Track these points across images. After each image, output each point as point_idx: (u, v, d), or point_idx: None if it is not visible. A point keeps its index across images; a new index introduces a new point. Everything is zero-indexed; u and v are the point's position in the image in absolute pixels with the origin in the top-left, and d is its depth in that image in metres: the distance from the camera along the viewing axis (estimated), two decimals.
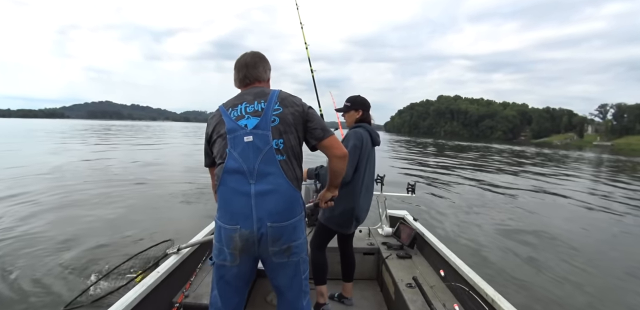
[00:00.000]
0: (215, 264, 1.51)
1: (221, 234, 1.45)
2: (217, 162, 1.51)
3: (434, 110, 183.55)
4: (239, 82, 1.67)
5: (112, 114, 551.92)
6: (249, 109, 1.51)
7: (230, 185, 1.44)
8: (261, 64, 1.67)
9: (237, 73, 1.67)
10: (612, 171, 21.38)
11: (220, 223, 1.45)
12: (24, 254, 4.31)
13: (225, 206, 1.45)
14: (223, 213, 1.45)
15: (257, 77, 1.65)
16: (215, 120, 1.55)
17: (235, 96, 1.63)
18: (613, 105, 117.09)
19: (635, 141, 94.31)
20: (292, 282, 1.52)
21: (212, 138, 1.56)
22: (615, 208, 8.66)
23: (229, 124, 1.48)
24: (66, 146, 20.99)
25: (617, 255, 5.11)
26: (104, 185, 8.76)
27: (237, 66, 1.67)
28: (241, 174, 1.42)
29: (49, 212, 6.13)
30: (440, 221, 6.31)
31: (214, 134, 1.55)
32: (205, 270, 2.52)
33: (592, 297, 3.76)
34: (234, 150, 1.44)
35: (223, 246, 1.46)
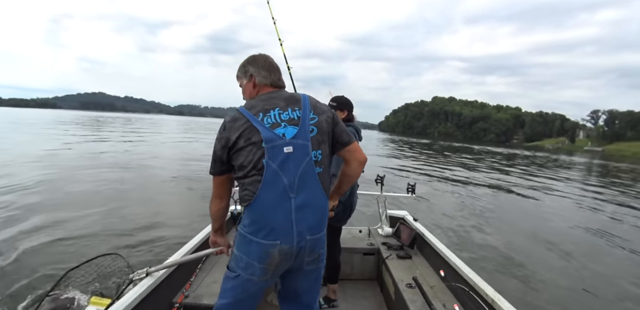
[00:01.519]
0: (241, 277, 1.44)
1: (253, 249, 1.38)
2: (249, 173, 1.38)
3: (429, 111, 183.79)
4: (270, 82, 1.55)
5: (105, 105, 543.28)
6: (284, 116, 1.42)
7: (268, 200, 1.35)
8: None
9: (268, 73, 1.54)
10: (605, 176, 21.64)
11: (254, 238, 1.37)
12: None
13: (262, 221, 1.36)
14: (258, 228, 1.37)
15: (283, 82, 1.60)
16: (242, 126, 1.39)
17: (261, 99, 1.49)
18: (605, 111, 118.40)
19: (625, 147, 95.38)
20: (314, 286, 1.57)
21: (236, 145, 1.39)
22: (610, 210, 8.81)
23: (265, 133, 1.36)
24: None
25: (618, 254, 5.18)
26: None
27: (265, 66, 1.55)
28: (282, 188, 1.34)
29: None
30: (440, 221, 6.35)
31: (240, 140, 1.38)
32: (205, 271, 2.51)
33: (593, 296, 3.82)
34: (273, 161, 1.34)
35: (254, 261, 1.39)
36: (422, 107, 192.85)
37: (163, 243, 4.76)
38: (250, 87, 1.57)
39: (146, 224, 5.54)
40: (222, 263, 2.66)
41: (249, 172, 1.38)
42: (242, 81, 1.60)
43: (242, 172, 1.40)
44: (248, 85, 1.58)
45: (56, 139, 19.35)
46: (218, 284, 2.25)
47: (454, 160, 23.52)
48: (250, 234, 1.38)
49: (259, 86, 1.55)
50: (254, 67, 1.55)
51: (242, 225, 1.44)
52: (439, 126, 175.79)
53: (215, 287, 2.25)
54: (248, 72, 1.56)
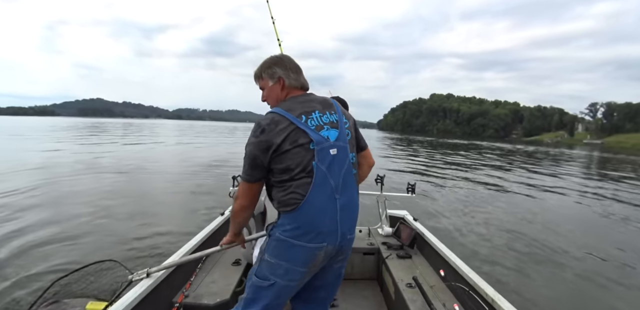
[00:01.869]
0: (278, 284, 1.41)
1: (297, 254, 1.37)
2: (297, 176, 1.35)
3: (427, 109, 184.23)
4: (300, 85, 1.52)
5: (104, 111, 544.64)
6: (324, 119, 1.43)
7: (318, 202, 1.35)
8: None
9: (296, 75, 1.52)
10: (605, 169, 21.64)
11: (299, 242, 1.36)
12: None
13: (311, 224, 1.35)
14: (304, 232, 1.35)
15: (308, 85, 1.57)
16: (286, 128, 1.35)
17: (298, 102, 1.46)
18: (603, 104, 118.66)
19: (624, 139, 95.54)
20: (337, 282, 1.60)
21: (280, 148, 1.34)
22: (615, 206, 8.72)
23: (313, 135, 1.36)
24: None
25: (620, 254, 5.15)
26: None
27: (293, 68, 1.52)
28: (330, 189, 1.36)
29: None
30: (440, 221, 6.34)
31: (285, 143, 1.34)
32: (205, 271, 2.51)
33: (593, 296, 3.81)
34: (322, 163, 1.35)
35: (297, 266, 1.38)
36: (421, 104, 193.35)
37: (163, 244, 4.77)
38: (277, 89, 1.51)
39: (146, 226, 5.58)
40: (222, 263, 2.66)
41: (296, 175, 1.35)
42: (265, 83, 1.53)
43: (288, 175, 1.36)
44: (275, 88, 1.51)
45: (53, 145, 19.31)
46: (218, 284, 2.29)
47: (452, 157, 23.51)
48: (294, 238, 1.36)
49: (288, 89, 1.51)
50: (282, 69, 1.50)
51: (280, 230, 1.40)
52: (437, 123, 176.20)
53: (215, 287, 2.25)
54: (276, 74, 1.49)
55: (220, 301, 2.09)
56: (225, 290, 2.22)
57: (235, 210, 1.52)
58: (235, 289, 2.27)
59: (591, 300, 3.76)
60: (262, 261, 1.46)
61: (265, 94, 1.55)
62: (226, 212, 3.53)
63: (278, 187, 1.39)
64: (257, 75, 1.55)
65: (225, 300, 2.11)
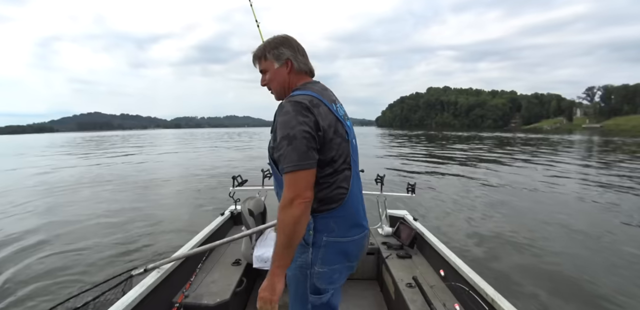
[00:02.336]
0: (333, 289, 1.34)
1: (350, 250, 1.31)
2: (340, 168, 1.24)
3: (424, 103, 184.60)
4: (308, 69, 1.38)
5: (102, 124, 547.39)
6: (343, 110, 1.36)
7: (355, 194, 1.31)
8: None
9: (305, 58, 1.37)
10: (605, 152, 21.59)
11: (349, 238, 1.29)
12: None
13: (354, 216, 1.30)
14: (351, 225, 1.29)
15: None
16: (328, 113, 1.23)
17: (320, 87, 1.33)
18: (600, 88, 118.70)
19: (623, 122, 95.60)
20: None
21: (327, 135, 1.20)
22: (621, 203, 8.52)
23: (345, 125, 1.29)
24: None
25: (623, 253, 5.07)
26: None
27: (301, 51, 1.36)
28: (358, 180, 1.35)
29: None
30: (440, 221, 6.28)
31: (330, 130, 1.21)
32: (205, 271, 2.50)
33: (594, 296, 3.77)
34: (354, 154, 1.31)
35: (350, 261, 1.33)
36: (418, 99, 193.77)
37: (163, 244, 4.95)
38: (284, 72, 1.33)
39: (150, 227, 5.82)
40: (222, 263, 2.66)
41: (339, 167, 1.24)
42: (269, 65, 1.34)
43: (332, 168, 1.22)
44: (281, 71, 1.33)
45: (57, 162, 19.37)
46: (218, 284, 2.29)
47: (451, 152, 23.48)
48: (343, 236, 1.27)
49: (295, 73, 1.34)
50: (290, 50, 1.32)
51: (325, 234, 1.26)
52: (435, 117, 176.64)
53: (215, 287, 2.25)
54: (283, 55, 1.31)
55: (220, 301, 2.08)
56: (225, 290, 2.21)
57: (297, 216, 1.13)
58: (235, 289, 2.27)
59: (593, 300, 3.72)
60: (310, 277, 1.28)
61: (269, 78, 1.36)
62: (226, 212, 3.53)
63: (320, 184, 1.23)
64: (258, 55, 1.36)
65: (225, 300, 2.10)
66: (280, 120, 1.18)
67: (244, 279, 2.41)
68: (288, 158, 1.14)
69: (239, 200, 3.31)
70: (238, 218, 3.51)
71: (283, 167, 1.15)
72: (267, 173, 3.45)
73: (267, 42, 1.35)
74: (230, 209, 3.58)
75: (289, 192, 1.13)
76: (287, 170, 1.14)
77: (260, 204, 2.98)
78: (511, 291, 3.63)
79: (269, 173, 3.45)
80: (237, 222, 3.54)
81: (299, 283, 1.31)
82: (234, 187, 3.36)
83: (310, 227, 1.25)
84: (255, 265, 2.50)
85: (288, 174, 1.14)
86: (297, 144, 1.13)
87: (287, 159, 1.14)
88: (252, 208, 2.72)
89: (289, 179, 1.14)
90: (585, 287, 3.90)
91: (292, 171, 1.13)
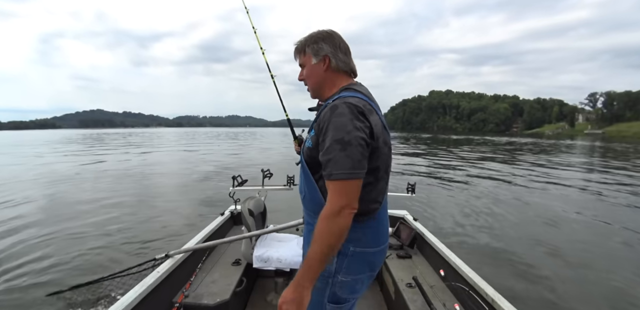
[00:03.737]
0: (355, 298, 1.30)
1: (375, 260, 1.27)
2: (381, 178, 1.19)
3: (426, 106, 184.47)
4: (349, 69, 1.29)
5: (105, 122, 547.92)
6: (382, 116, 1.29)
7: (384, 206, 1.27)
8: None
9: (347, 57, 1.28)
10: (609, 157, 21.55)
11: (375, 249, 1.24)
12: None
13: (382, 227, 1.27)
14: (378, 237, 1.25)
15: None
16: (378, 120, 1.15)
17: (366, 91, 1.26)
18: (602, 94, 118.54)
19: (625, 128, 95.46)
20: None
21: (377, 143, 1.13)
22: (624, 199, 8.48)
23: (388, 134, 1.22)
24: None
25: (625, 253, 5.05)
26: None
27: (344, 48, 1.28)
28: (387, 191, 1.28)
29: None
30: (440, 221, 6.26)
31: (380, 138, 1.14)
32: (205, 271, 2.51)
33: (595, 295, 3.75)
34: (390, 165, 1.25)
35: (373, 271, 1.28)
36: (420, 102, 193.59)
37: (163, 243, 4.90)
38: (320, 69, 1.26)
39: (152, 224, 5.84)
40: (222, 263, 2.66)
41: (381, 177, 1.19)
42: (308, 60, 1.28)
43: (373, 177, 1.16)
44: (318, 67, 1.26)
45: (61, 158, 19.40)
46: (218, 284, 2.29)
47: (452, 154, 23.46)
48: (370, 247, 1.23)
49: (332, 72, 1.26)
50: (330, 46, 1.24)
51: (352, 244, 1.19)
52: (437, 120, 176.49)
53: (215, 287, 2.25)
54: (322, 50, 1.24)
55: (220, 301, 2.08)
56: (225, 290, 2.21)
57: (344, 226, 1.05)
58: (235, 289, 2.27)
59: (594, 300, 3.70)
60: (332, 285, 1.22)
61: (306, 73, 1.30)
62: (226, 212, 3.53)
63: (362, 191, 1.15)
64: (298, 49, 1.30)
65: (225, 300, 2.10)
66: (335, 122, 1.08)
67: (244, 279, 2.41)
68: (340, 164, 1.05)
69: (239, 200, 3.31)
70: (238, 218, 3.51)
71: (332, 172, 1.06)
72: (267, 173, 3.46)
73: (309, 35, 1.28)
74: (230, 209, 3.58)
75: (339, 201, 1.05)
76: (337, 178, 1.05)
77: (260, 204, 2.98)
78: (511, 291, 3.62)
79: (268, 173, 3.45)
80: (237, 222, 3.54)
81: (317, 290, 1.22)
82: (234, 187, 3.36)
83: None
84: (255, 265, 2.50)
85: (338, 181, 1.06)
86: (352, 150, 1.05)
87: (339, 166, 1.05)
88: (252, 208, 2.72)
89: (339, 187, 1.06)
90: (586, 287, 3.90)
91: (344, 179, 1.05)
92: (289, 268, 2.51)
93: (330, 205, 1.06)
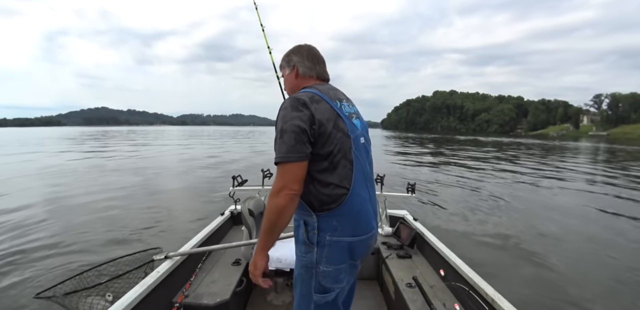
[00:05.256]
0: (339, 289, 1.37)
1: (355, 249, 1.33)
2: (339, 164, 1.28)
3: (430, 106, 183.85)
4: (316, 74, 1.47)
5: (109, 120, 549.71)
6: (351, 108, 1.42)
7: (360, 192, 1.32)
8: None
9: (312, 64, 1.46)
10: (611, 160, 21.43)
11: (354, 238, 1.31)
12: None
13: (359, 214, 1.33)
14: (356, 224, 1.32)
15: (329, 76, 1.54)
16: (327, 109, 1.29)
17: (326, 87, 1.41)
18: (607, 95, 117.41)
19: (630, 130, 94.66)
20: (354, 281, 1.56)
21: (324, 128, 1.25)
22: (624, 205, 8.35)
23: (347, 121, 1.33)
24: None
25: (624, 254, 5.02)
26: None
27: (310, 57, 1.47)
28: (364, 179, 1.35)
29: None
30: (440, 221, 6.27)
31: (329, 124, 1.26)
32: (205, 271, 2.51)
33: (595, 296, 3.74)
34: (357, 152, 1.33)
35: (355, 261, 1.38)
36: (424, 102, 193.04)
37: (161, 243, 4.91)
38: (292, 77, 1.48)
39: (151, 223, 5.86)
40: (222, 263, 2.66)
41: (338, 162, 1.27)
42: (284, 71, 1.52)
43: (328, 162, 1.26)
44: (290, 76, 1.48)
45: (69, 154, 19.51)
46: (218, 284, 2.30)
47: (454, 154, 23.40)
48: (348, 235, 1.30)
49: (301, 77, 1.46)
50: (298, 56, 1.46)
51: (329, 233, 1.29)
52: (441, 120, 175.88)
53: (215, 287, 2.25)
54: (292, 61, 1.47)
55: (220, 301, 2.08)
56: (225, 290, 2.21)
57: (281, 205, 1.21)
58: (235, 289, 2.27)
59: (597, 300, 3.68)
60: (315, 275, 1.32)
61: (284, 82, 1.55)
62: (226, 212, 3.53)
63: (319, 181, 1.27)
64: (280, 64, 1.55)
65: (225, 300, 2.10)
66: (279, 116, 1.27)
67: (244, 279, 2.41)
68: (278, 150, 1.22)
69: (239, 200, 3.31)
70: (238, 218, 3.51)
71: (274, 158, 1.23)
72: (267, 173, 3.47)
73: (286, 52, 1.51)
74: (230, 209, 3.58)
75: (278, 183, 1.21)
76: (276, 161, 1.22)
77: (260, 204, 2.97)
78: (511, 291, 3.61)
79: (268, 173, 3.46)
80: (237, 222, 3.55)
81: (304, 282, 1.35)
82: (234, 187, 3.37)
83: (314, 226, 1.29)
84: None
85: (278, 165, 1.22)
86: (287, 137, 1.21)
87: (277, 151, 1.23)
88: (252, 208, 2.72)
89: (279, 170, 1.22)
90: (586, 288, 3.89)
91: (280, 163, 1.21)
92: (289, 268, 2.50)
93: (273, 186, 1.22)
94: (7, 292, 3.55)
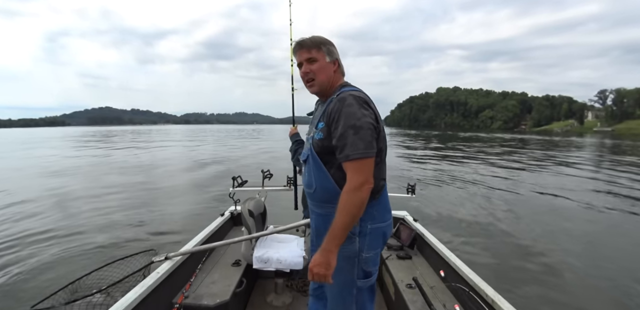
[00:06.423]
0: (374, 276, 1.49)
1: (387, 234, 1.46)
2: (383, 159, 1.41)
3: (434, 103, 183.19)
4: (344, 73, 1.53)
5: (113, 119, 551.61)
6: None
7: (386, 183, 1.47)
8: None
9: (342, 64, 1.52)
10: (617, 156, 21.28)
11: (386, 223, 1.44)
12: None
13: (387, 204, 1.47)
14: (386, 211, 1.45)
15: None
16: (375, 110, 1.37)
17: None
18: (612, 91, 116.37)
19: (635, 126, 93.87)
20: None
21: (380, 127, 1.36)
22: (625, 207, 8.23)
23: (382, 121, 1.42)
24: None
25: (624, 255, 4.98)
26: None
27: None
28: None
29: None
30: (440, 221, 6.25)
31: (382, 123, 1.38)
32: (205, 271, 2.51)
33: (595, 296, 3.72)
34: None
35: (381, 247, 1.48)
36: (427, 99, 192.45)
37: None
38: (331, 69, 1.44)
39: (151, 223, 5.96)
40: (222, 264, 2.66)
41: (384, 157, 1.41)
42: (321, 57, 1.42)
43: (379, 158, 1.35)
44: (330, 66, 1.44)
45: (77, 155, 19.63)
46: (218, 285, 2.30)
47: (455, 152, 23.30)
48: (382, 221, 1.42)
49: (339, 73, 1.48)
50: (337, 52, 1.48)
51: (369, 222, 1.38)
52: (445, 117, 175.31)
53: (215, 288, 2.25)
54: (334, 54, 1.45)
55: (220, 302, 2.08)
56: (225, 291, 2.22)
57: (365, 199, 1.25)
58: (235, 290, 2.27)
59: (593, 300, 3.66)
60: (359, 263, 1.40)
61: (317, 68, 1.41)
62: (226, 213, 3.53)
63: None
64: (314, 44, 1.42)
65: (225, 301, 2.10)
66: (346, 111, 1.27)
67: (244, 280, 2.42)
68: (354, 146, 1.23)
69: (239, 201, 3.31)
70: (238, 219, 3.51)
71: (349, 154, 1.24)
72: (267, 174, 3.46)
73: (321, 37, 1.44)
74: (230, 210, 3.58)
75: (359, 177, 1.23)
76: (354, 157, 1.24)
77: (260, 205, 2.97)
78: (511, 292, 3.61)
79: (268, 174, 3.46)
80: (237, 223, 3.55)
81: (343, 272, 1.38)
82: (234, 188, 3.37)
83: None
84: (255, 266, 2.50)
85: (355, 161, 1.24)
86: (364, 133, 1.25)
87: (354, 147, 1.23)
88: (252, 209, 2.72)
89: (357, 166, 1.25)
90: (587, 288, 3.88)
91: (359, 158, 1.24)
92: (289, 269, 2.51)
93: (351, 182, 1.24)
94: (4, 301, 3.51)
